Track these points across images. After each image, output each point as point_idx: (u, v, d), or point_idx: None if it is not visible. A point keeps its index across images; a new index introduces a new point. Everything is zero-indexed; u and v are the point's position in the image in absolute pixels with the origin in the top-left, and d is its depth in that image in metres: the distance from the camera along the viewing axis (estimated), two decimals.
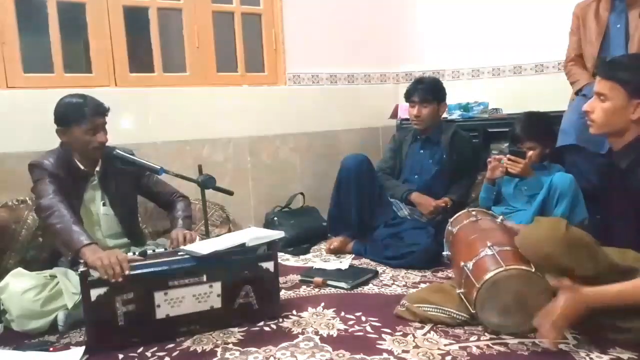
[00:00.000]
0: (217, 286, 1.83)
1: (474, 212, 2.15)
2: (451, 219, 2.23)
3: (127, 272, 1.70)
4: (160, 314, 1.77)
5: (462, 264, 1.82)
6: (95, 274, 1.69)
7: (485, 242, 1.80)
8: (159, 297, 1.76)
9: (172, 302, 1.78)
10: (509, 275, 1.66)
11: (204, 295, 1.82)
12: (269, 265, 1.91)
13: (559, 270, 1.57)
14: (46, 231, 2.01)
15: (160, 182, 2.33)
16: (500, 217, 2.07)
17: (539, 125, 2.44)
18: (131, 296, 1.73)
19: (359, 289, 2.28)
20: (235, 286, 1.87)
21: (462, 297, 1.80)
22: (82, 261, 1.73)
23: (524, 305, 1.66)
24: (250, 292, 1.89)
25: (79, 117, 1.99)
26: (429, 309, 1.86)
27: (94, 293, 1.68)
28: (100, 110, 2.04)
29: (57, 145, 2.08)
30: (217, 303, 1.84)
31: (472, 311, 1.73)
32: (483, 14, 3.56)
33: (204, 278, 1.81)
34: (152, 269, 1.77)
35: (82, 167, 2.07)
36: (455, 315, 1.82)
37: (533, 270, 1.65)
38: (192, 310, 1.81)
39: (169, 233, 2.19)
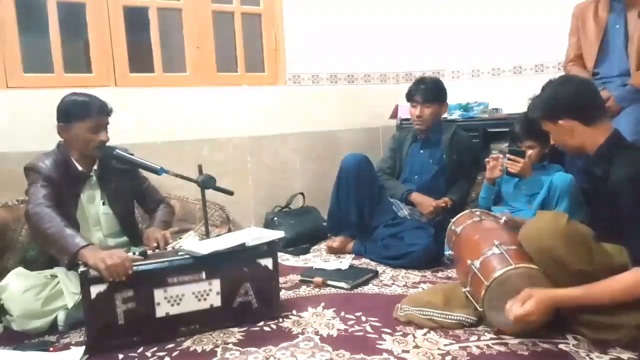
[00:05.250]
0: (216, 284, 1.84)
1: (477, 213, 2.15)
2: (453, 220, 2.21)
3: (130, 272, 1.70)
4: (160, 312, 1.77)
5: (469, 262, 1.80)
6: (95, 273, 1.69)
7: (492, 241, 1.80)
8: (158, 294, 1.76)
9: (172, 300, 1.78)
10: (518, 274, 1.66)
11: (203, 293, 1.82)
12: (267, 262, 1.91)
13: (556, 264, 1.60)
14: (37, 237, 1.98)
15: (152, 188, 2.34)
16: (504, 217, 2.06)
17: (539, 125, 2.43)
18: (131, 294, 1.73)
19: (359, 289, 2.28)
20: (234, 284, 1.87)
21: (468, 295, 1.79)
22: (81, 263, 1.72)
23: None
24: (250, 291, 1.89)
25: (82, 114, 1.99)
26: (434, 314, 1.84)
27: (94, 290, 1.68)
28: (105, 110, 2.05)
29: (54, 146, 2.07)
30: (217, 301, 1.85)
31: (479, 309, 1.72)
32: (483, 14, 3.55)
33: (203, 275, 1.82)
34: (151, 266, 1.77)
35: (79, 168, 2.06)
36: (463, 319, 1.81)
37: (541, 270, 1.65)
38: (192, 308, 1.81)
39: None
